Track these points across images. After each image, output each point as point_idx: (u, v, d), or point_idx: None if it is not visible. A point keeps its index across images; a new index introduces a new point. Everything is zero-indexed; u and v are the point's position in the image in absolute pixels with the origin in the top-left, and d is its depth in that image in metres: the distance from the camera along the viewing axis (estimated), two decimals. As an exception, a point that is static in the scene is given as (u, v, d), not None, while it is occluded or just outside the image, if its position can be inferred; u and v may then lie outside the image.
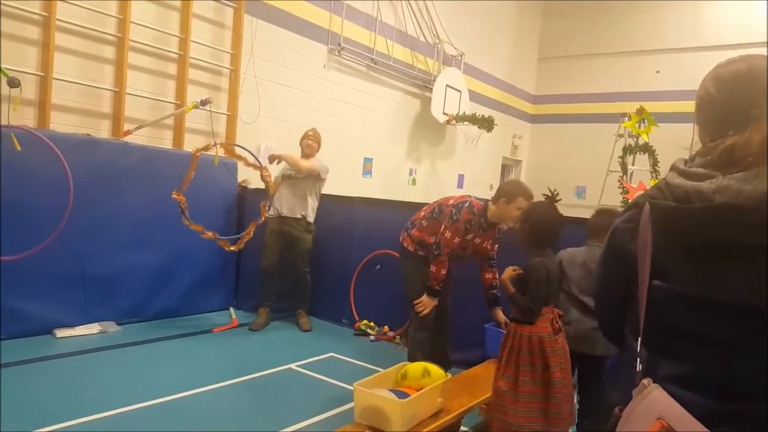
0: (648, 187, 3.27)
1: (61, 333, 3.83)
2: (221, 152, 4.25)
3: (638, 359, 0.98)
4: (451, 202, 3.28)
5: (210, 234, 4.11)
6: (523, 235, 2.43)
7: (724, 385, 0.91)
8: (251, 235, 4.32)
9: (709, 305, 0.92)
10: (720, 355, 0.92)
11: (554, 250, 2.51)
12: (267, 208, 4.37)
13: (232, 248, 4.23)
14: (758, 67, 0.99)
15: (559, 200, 2.43)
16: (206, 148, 4.13)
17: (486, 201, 3.22)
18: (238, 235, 4.33)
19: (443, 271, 3.21)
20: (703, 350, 0.93)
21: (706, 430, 0.85)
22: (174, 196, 3.95)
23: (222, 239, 4.20)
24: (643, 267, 0.99)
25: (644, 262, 0.98)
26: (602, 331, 1.29)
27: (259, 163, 4.31)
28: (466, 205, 3.19)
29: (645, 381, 0.94)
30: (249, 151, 4.33)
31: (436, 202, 3.44)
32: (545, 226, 2.38)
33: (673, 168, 1.00)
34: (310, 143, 4.68)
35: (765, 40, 7.94)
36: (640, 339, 0.99)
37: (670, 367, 0.96)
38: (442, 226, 3.21)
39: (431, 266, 3.22)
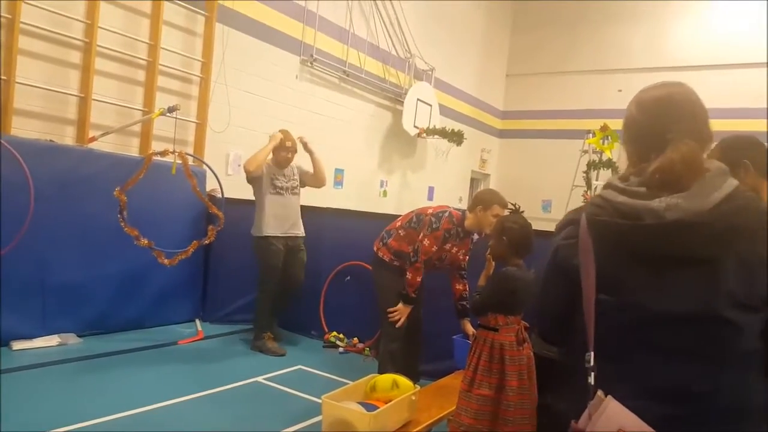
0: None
1: (18, 345, 3.69)
2: (180, 160, 4.15)
3: (591, 372, 1.01)
4: (430, 211, 3.34)
5: (145, 241, 4.00)
6: (500, 246, 2.45)
7: (674, 389, 0.96)
8: (188, 255, 4.21)
9: (657, 315, 0.97)
10: (669, 362, 0.97)
11: (528, 261, 2.53)
12: (216, 230, 4.28)
13: (166, 262, 4.11)
14: (676, 93, 1.08)
15: (522, 212, 2.50)
16: (163, 153, 4.07)
17: (463, 211, 3.29)
18: (176, 251, 4.18)
19: (419, 279, 3.26)
20: (653, 358, 0.98)
21: None
22: (116, 194, 3.85)
23: (157, 250, 4.07)
24: (587, 281, 1.02)
25: (588, 277, 1.02)
26: (546, 340, 1.36)
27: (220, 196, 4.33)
28: (446, 214, 3.26)
29: (599, 394, 0.97)
30: (214, 174, 4.27)
31: (413, 211, 3.48)
32: (522, 236, 2.42)
33: (609, 186, 1.06)
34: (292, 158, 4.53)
35: (720, 63, 8.36)
36: (591, 352, 1.02)
37: (621, 376, 1.00)
38: (421, 234, 3.24)
39: (407, 273, 3.25)
